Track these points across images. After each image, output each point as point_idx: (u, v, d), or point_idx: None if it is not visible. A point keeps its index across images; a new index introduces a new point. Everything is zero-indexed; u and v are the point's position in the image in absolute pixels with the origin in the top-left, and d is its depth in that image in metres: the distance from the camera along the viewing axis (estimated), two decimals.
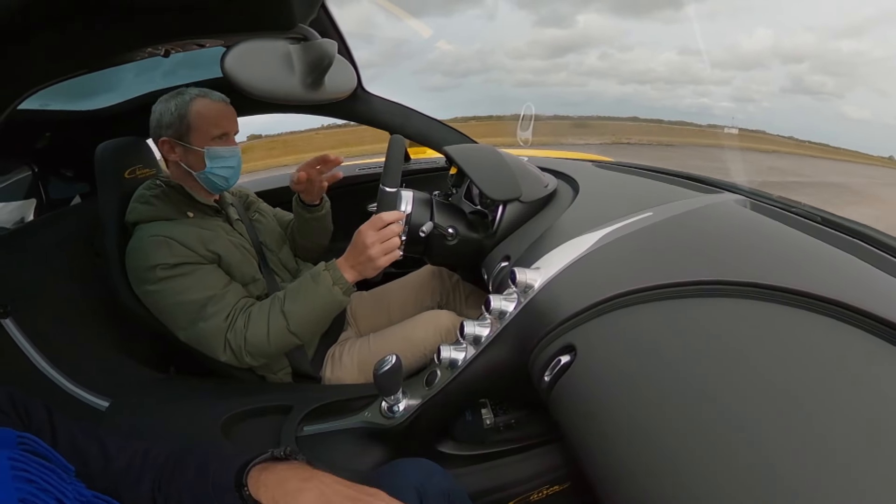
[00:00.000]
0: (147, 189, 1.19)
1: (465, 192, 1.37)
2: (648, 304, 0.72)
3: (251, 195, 1.48)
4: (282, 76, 0.74)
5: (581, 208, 1.14)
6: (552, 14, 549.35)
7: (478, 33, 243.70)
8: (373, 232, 1.04)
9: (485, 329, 0.90)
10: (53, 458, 0.58)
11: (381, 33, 37.46)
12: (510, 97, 64.20)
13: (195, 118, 1.14)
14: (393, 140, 1.11)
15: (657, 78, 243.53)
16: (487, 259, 1.20)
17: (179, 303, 1.08)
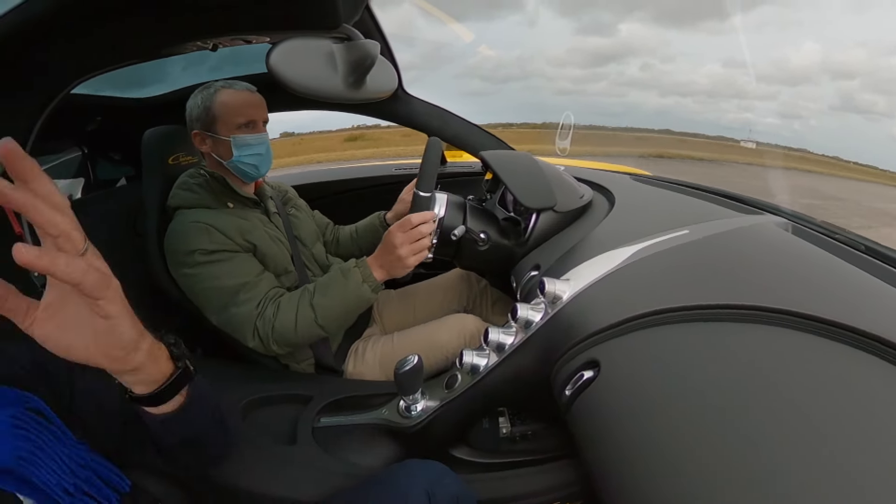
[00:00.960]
0: (190, 177, 1.24)
1: (499, 199, 1.36)
2: (678, 324, 0.69)
3: (290, 191, 1.52)
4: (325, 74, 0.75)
5: (616, 221, 1.12)
6: (594, 22, 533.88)
7: (518, 39, 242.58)
8: (402, 233, 1.06)
9: (509, 337, 0.89)
10: (55, 422, 0.61)
11: (421, 36, 37.72)
12: (549, 105, 63.69)
13: (219, 108, 1.18)
14: (430, 142, 1.11)
15: (699, 91, 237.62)
16: (517, 267, 1.19)
17: (214, 287, 1.11)
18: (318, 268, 1.39)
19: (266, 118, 1.26)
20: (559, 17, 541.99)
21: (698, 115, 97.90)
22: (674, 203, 1.27)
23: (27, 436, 0.56)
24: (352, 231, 1.59)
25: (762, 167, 5.56)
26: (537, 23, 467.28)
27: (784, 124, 49.49)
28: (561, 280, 0.88)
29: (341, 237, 1.60)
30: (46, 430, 0.59)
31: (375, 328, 1.47)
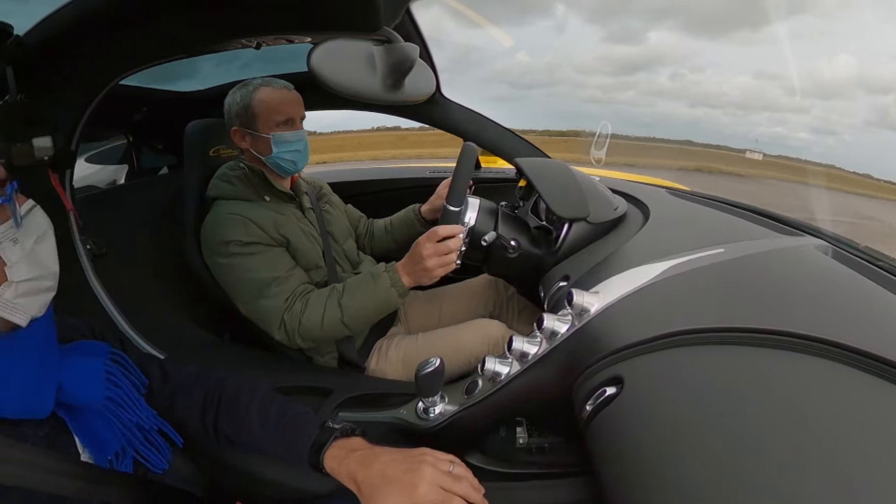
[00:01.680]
0: (230, 169, 1.28)
1: (531, 206, 1.35)
2: (707, 346, 0.67)
3: (325, 187, 1.55)
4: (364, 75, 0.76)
5: (649, 236, 1.10)
6: (623, 30, 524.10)
7: (546, 45, 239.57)
8: (430, 244, 1.07)
9: (533, 347, 0.88)
10: (134, 373, 0.71)
11: (450, 39, 38.14)
12: (576, 112, 62.54)
13: (259, 106, 1.21)
14: (465, 149, 1.12)
15: (730, 102, 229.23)
16: (546, 276, 1.18)
17: (246, 279, 1.15)
18: (348, 264, 1.41)
19: (303, 115, 1.29)
20: (588, 23, 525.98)
21: (728, 127, 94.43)
22: (710, 220, 1.24)
23: (115, 381, 0.66)
24: (386, 224, 1.61)
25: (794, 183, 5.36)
26: (565, 29, 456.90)
27: (817, 139, 46.85)
28: (590, 292, 0.86)
29: (375, 230, 1.62)
30: (128, 380, 0.69)
31: (400, 327, 1.48)
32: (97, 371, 0.64)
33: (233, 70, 1.72)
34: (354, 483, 0.66)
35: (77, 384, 0.61)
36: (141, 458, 0.67)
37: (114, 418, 0.64)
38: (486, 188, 1.96)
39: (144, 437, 0.69)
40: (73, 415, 0.62)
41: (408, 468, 0.64)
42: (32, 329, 0.58)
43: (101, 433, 0.64)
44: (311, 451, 0.71)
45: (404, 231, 1.56)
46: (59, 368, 0.60)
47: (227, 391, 0.81)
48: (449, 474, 0.65)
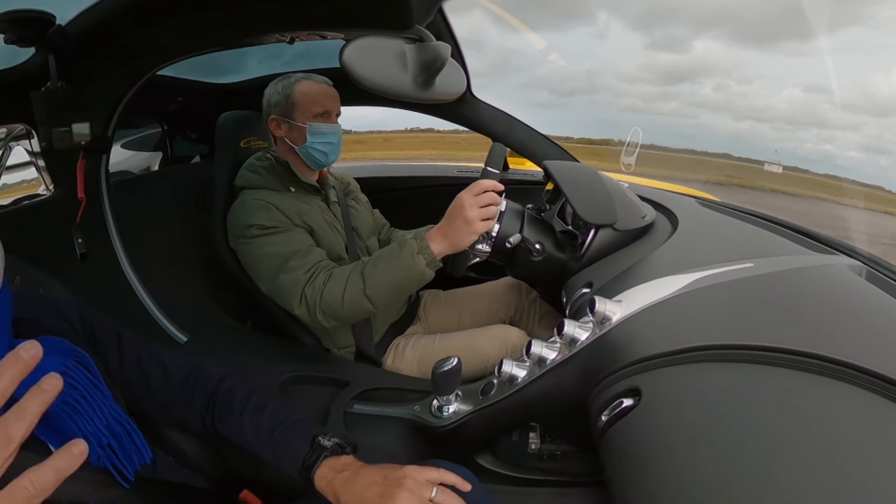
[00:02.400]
0: (258, 160, 1.30)
1: (558, 210, 1.33)
2: (730, 363, 0.65)
3: (352, 183, 1.56)
4: (395, 73, 0.77)
5: (677, 246, 1.08)
6: (667, 37, 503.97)
7: (588, 52, 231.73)
8: (471, 196, 1.04)
9: (552, 352, 0.87)
10: (98, 377, 0.63)
11: (491, 43, 37.57)
12: (616, 121, 61.37)
13: (299, 96, 1.24)
14: (494, 147, 1.12)
15: (777, 117, 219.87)
16: (569, 282, 1.16)
17: (266, 254, 1.16)
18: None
19: (339, 111, 1.31)
20: (630, 30, 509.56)
21: (774, 143, 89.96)
22: (740, 233, 1.21)
23: (73, 384, 0.59)
24: (405, 235, 1.60)
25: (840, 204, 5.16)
26: (608, 36, 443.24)
27: (868, 159, 44.76)
28: (612, 301, 0.85)
29: (394, 238, 1.61)
30: (90, 383, 0.62)
31: (419, 326, 1.48)
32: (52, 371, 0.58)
33: (277, 66, 1.78)
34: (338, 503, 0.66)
35: (26, 387, 0.57)
36: (110, 465, 0.62)
37: (72, 424, 0.59)
38: (512, 190, 1.93)
39: (109, 446, 0.63)
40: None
41: (384, 492, 0.63)
42: None
43: (67, 432, 0.58)
44: (302, 468, 0.71)
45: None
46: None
47: (222, 397, 0.80)
48: (428, 501, 0.64)
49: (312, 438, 0.74)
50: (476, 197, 1.04)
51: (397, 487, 0.63)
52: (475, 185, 1.06)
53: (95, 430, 0.61)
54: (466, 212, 1.03)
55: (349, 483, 0.67)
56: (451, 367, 0.88)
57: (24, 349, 0.40)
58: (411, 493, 0.62)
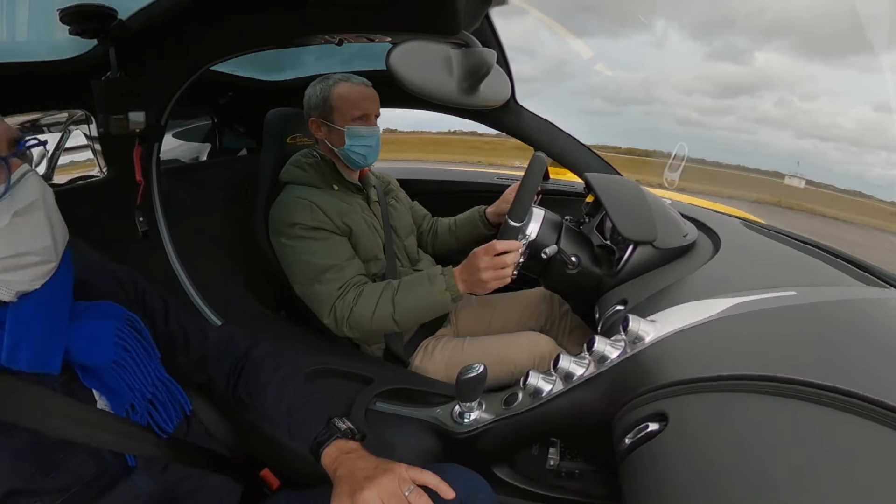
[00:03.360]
0: (303, 156, 1.34)
1: (597, 224, 1.31)
2: (763, 395, 0.62)
3: (393, 182, 1.59)
4: (440, 77, 0.77)
5: (717, 269, 1.04)
6: (727, 47, 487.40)
7: (644, 61, 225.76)
8: (486, 258, 1.07)
9: (580, 368, 0.85)
10: (147, 339, 0.73)
11: (544, 50, 37.15)
12: (671, 134, 59.52)
13: (337, 100, 1.26)
14: (535, 159, 1.11)
15: (843, 136, 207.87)
16: (603, 298, 1.14)
17: (305, 261, 1.20)
18: (407, 259, 1.44)
19: (378, 112, 1.33)
20: (689, 39, 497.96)
21: (838, 164, 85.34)
22: (785, 258, 1.16)
23: (124, 346, 0.68)
24: (451, 223, 1.63)
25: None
26: (665, 45, 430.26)
27: None
28: (646, 320, 0.83)
29: (439, 228, 1.64)
30: (140, 346, 0.71)
31: (449, 329, 1.49)
32: (106, 334, 0.66)
33: (334, 64, 1.81)
34: (335, 478, 0.71)
35: (84, 347, 0.63)
36: (149, 417, 0.70)
37: (120, 380, 0.67)
38: (552, 200, 1.93)
39: (151, 402, 0.71)
40: (86, 372, 0.65)
41: (369, 475, 0.68)
42: (39, 298, 0.60)
43: (114, 387, 0.67)
44: (314, 443, 0.77)
45: (468, 231, 1.57)
46: (66, 332, 0.62)
47: (250, 364, 0.88)
48: (398, 496, 0.67)
49: (328, 418, 0.79)
50: (491, 259, 1.07)
51: (382, 474, 0.68)
52: (491, 247, 1.08)
53: (141, 386, 0.69)
54: (481, 274, 1.07)
55: (348, 462, 0.72)
56: (476, 374, 0.87)
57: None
58: (389, 482, 0.67)
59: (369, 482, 0.66)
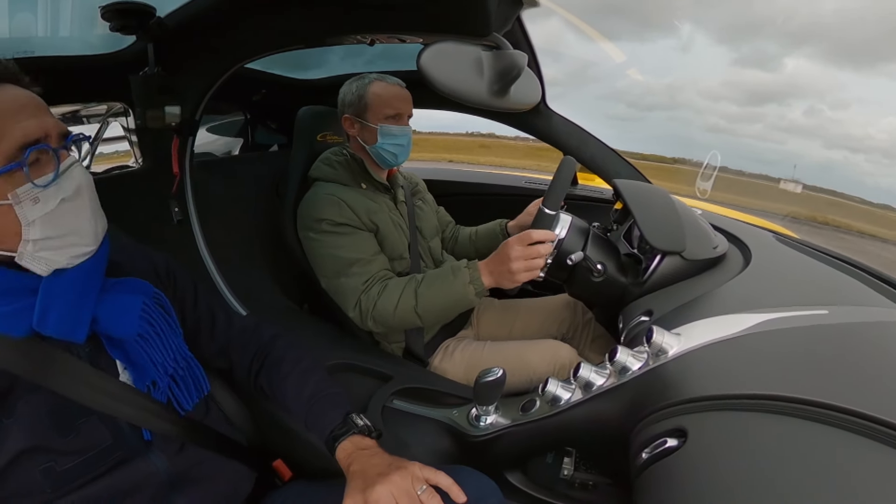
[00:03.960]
0: (333, 154, 1.36)
1: (625, 232, 1.29)
2: (787, 417, 0.60)
3: (420, 183, 1.60)
4: (471, 79, 0.77)
5: (747, 283, 1.01)
6: (755, 53, 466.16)
7: (670, 66, 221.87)
8: (520, 247, 1.05)
9: (600, 378, 0.84)
10: (173, 318, 0.76)
11: (569, 52, 36.85)
12: (695, 141, 58.24)
13: (372, 98, 1.29)
14: (564, 161, 1.10)
15: (875, 147, 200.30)
16: (628, 308, 1.12)
17: (332, 255, 1.22)
18: (431, 260, 1.45)
19: (411, 113, 1.34)
20: (716, 44, 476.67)
21: (870, 176, 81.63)
22: (819, 275, 1.12)
23: (150, 320, 0.71)
24: (471, 233, 1.63)
25: None
26: (691, 49, 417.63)
27: None
28: (671, 333, 0.81)
29: (460, 237, 1.64)
30: (165, 322, 0.74)
31: (470, 331, 1.49)
32: (133, 308, 0.70)
33: (359, 64, 1.85)
34: (348, 473, 0.72)
35: (110, 318, 0.67)
36: (169, 393, 0.73)
37: (144, 354, 0.70)
38: (579, 206, 1.92)
39: (172, 378, 0.74)
40: (112, 343, 0.69)
41: (382, 472, 0.68)
42: (74, 271, 0.64)
43: (137, 361, 0.70)
44: (329, 436, 0.78)
45: (487, 243, 1.56)
46: (96, 303, 0.66)
47: (273, 354, 0.89)
48: (410, 494, 0.67)
49: (346, 413, 0.80)
50: (524, 248, 1.05)
51: (395, 472, 0.68)
52: (526, 235, 1.06)
53: (163, 360, 0.72)
54: (512, 263, 1.05)
55: (363, 458, 0.73)
56: (494, 378, 0.87)
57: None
58: (402, 480, 0.67)
59: (382, 479, 0.67)
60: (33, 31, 1.07)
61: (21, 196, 0.59)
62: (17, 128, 0.58)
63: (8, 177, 0.58)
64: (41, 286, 0.62)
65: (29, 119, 0.60)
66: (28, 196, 0.59)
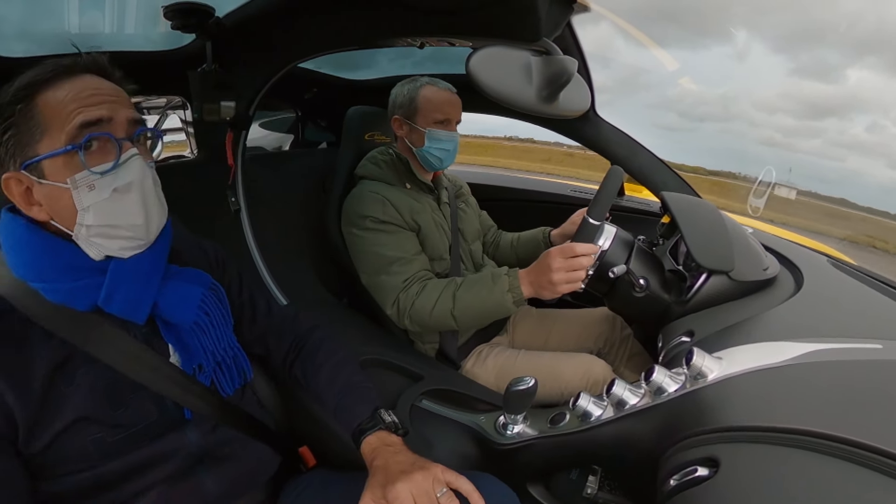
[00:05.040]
0: (380, 153, 1.40)
1: (670, 247, 1.24)
2: (828, 457, 0.56)
3: (465, 187, 1.61)
4: (519, 84, 0.76)
5: (796, 309, 0.97)
6: (815, 63, 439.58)
7: (724, 75, 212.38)
8: (561, 259, 1.04)
9: (634, 397, 0.82)
10: (226, 308, 0.81)
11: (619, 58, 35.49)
12: (749, 155, 54.79)
13: (422, 101, 1.31)
14: (612, 171, 1.09)
15: None
16: (669, 326, 1.08)
17: (374, 252, 1.25)
18: (471, 264, 1.46)
19: (459, 119, 1.36)
20: (773, 53, 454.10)
21: None
22: (874, 306, 1.05)
23: (207, 311, 0.76)
24: (513, 238, 1.63)
25: None
26: (746, 58, 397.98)
27: None
28: (712, 356, 0.78)
29: (501, 242, 1.64)
30: (220, 313, 0.79)
31: (505, 338, 1.48)
32: (193, 298, 0.74)
33: (407, 66, 1.88)
34: (371, 467, 0.73)
35: (171, 306, 0.72)
36: (214, 377, 0.77)
37: (196, 340, 0.75)
38: (625, 218, 1.87)
39: (218, 364, 0.78)
40: (168, 327, 0.73)
41: (403, 470, 0.69)
42: (140, 258, 0.68)
43: (188, 346, 0.74)
44: (356, 429, 0.80)
45: (529, 250, 1.55)
46: (158, 289, 0.70)
47: (310, 344, 0.92)
48: (429, 495, 0.67)
49: (375, 408, 0.82)
50: (566, 261, 1.04)
51: (417, 471, 0.68)
52: (568, 247, 1.05)
53: (214, 348, 0.77)
54: (552, 275, 1.04)
55: (387, 454, 0.74)
56: (525, 387, 0.86)
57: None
58: (423, 480, 0.67)
59: (404, 476, 0.67)
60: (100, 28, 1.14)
61: (78, 181, 0.62)
62: (81, 113, 0.62)
63: (68, 160, 0.62)
64: (109, 268, 0.66)
65: (96, 107, 0.63)
66: (85, 182, 0.62)
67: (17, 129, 0.62)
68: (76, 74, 0.64)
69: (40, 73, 0.63)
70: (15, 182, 0.63)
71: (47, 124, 0.61)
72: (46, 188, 0.62)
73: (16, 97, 0.62)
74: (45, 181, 0.62)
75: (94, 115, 0.62)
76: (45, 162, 0.62)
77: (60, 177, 0.62)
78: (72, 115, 0.61)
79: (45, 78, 0.63)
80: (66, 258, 0.65)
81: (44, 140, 0.61)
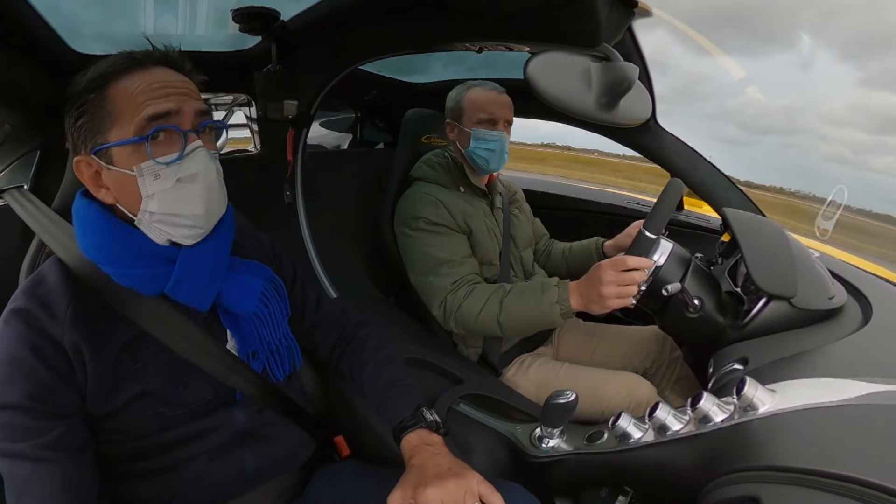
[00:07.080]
0: (435, 156, 1.43)
1: (729, 267, 1.18)
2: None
3: (519, 192, 1.62)
4: (578, 90, 0.75)
5: (862, 344, 0.90)
6: (886, 72, 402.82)
7: (788, 85, 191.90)
8: (613, 272, 1.02)
9: (678, 423, 0.79)
10: (284, 301, 0.86)
11: (677, 65, 32.98)
12: (815, 172, 50.61)
13: (467, 103, 1.33)
14: (671, 183, 1.06)
15: None
16: (721, 352, 1.03)
17: (424, 253, 1.27)
18: (521, 270, 1.46)
19: (509, 119, 1.36)
20: (841, 61, 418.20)
21: None
22: None
23: (266, 303, 0.81)
24: (565, 248, 1.61)
25: None
26: (812, 66, 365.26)
27: None
28: (765, 388, 0.74)
29: (553, 251, 1.63)
30: (278, 304, 0.84)
31: (549, 349, 1.47)
32: (254, 290, 0.78)
33: (460, 70, 1.90)
34: (408, 465, 0.74)
35: (233, 296, 0.76)
36: (266, 364, 0.82)
37: (254, 329, 0.79)
38: (683, 233, 1.79)
39: (271, 351, 0.82)
40: (228, 316, 0.78)
41: (440, 474, 0.69)
42: (206, 247, 0.72)
43: (245, 334, 0.79)
44: (398, 426, 0.81)
45: (581, 260, 1.53)
46: (222, 280, 0.75)
47: (357, 340, 0.95)
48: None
49: (417, 406, 0.83)
50: (618, 274, 1.02)
51: (452, 478, 0.68)
52: (621, 260, 1.03)
53: (270, 338, 0.82)
54: (603, 288, 1.02)
55: (426, 453, 0.74)
56: (566, 401, 0.84)
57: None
58: (456, 489, 0.67)
59: (437, 481, 0.67)
60: (173, 30, 1.21)
61: (144, 170, 0.65)
62: (149, 104, 0.66)
63: (136, 149, 0.65)
64: (178, 258, 0.71)
65: (164, 99, 0.66)
66: (150, 171, 0.65)
67: (90, 116, 0.66)
68: (148, 66, 0.68)
69: (114, 64, 0.67)
70: (85, 165, 0.68)
71: (118, 114, 0.65)
72: (114, 173, 0.67)
73: (89, 86, 0.66)
74: (113, 167, 0.66)
75: (163, 108, 0.65)
76: (114, 149, 0.66)
77: (128, 164, 0.66)
78: (141, 106, 0.65)
79: (118, 69, 0.67)
80: (136, 246, 0.70)
81: (114, 128, 0.65)
